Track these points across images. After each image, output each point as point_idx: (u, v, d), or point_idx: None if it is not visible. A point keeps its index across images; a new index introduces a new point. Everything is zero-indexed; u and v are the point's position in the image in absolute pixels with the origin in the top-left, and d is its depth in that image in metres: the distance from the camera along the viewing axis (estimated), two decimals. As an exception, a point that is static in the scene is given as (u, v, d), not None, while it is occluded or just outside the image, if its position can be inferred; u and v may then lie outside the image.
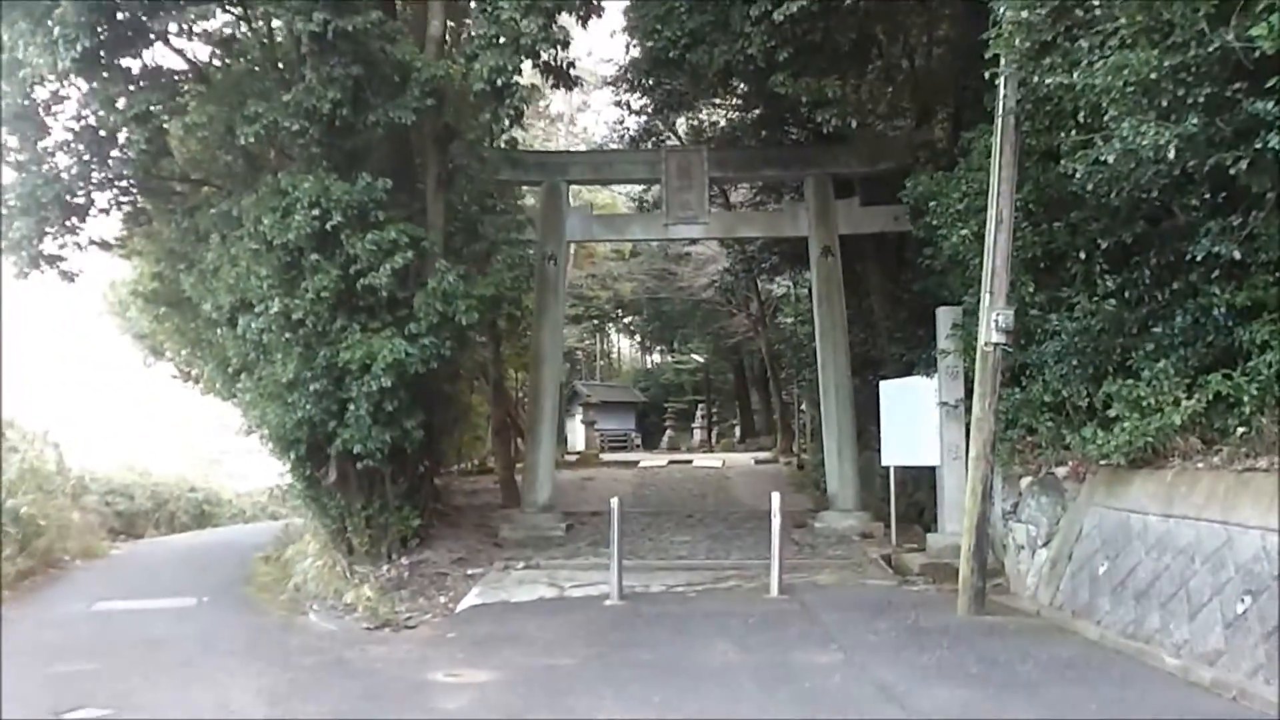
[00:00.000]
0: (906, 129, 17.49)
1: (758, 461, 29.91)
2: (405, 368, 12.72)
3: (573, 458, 33.01)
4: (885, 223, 16.91)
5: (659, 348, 60.08)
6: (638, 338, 61.41)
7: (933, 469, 14.57)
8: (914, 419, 14.41)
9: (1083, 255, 10.88)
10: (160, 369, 23.04)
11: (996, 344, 9.99)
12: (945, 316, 13.51)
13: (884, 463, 15.44)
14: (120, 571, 18.42)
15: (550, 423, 17.15)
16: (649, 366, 61.48)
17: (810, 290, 17.51)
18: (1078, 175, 9.15)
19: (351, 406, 12.99)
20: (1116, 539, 9.50)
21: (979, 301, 11.99)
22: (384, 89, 13.08)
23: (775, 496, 11.94)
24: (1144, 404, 9.32)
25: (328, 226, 12.35)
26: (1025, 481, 11.70)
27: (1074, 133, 9.49)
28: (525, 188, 18.63)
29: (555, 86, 16.40)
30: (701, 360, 49.68)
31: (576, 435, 40.31)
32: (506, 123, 14.01)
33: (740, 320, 38.06)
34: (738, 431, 43.97)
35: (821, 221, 17.02)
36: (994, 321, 9.92)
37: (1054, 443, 11.38)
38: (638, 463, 30.08)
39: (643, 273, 42.87)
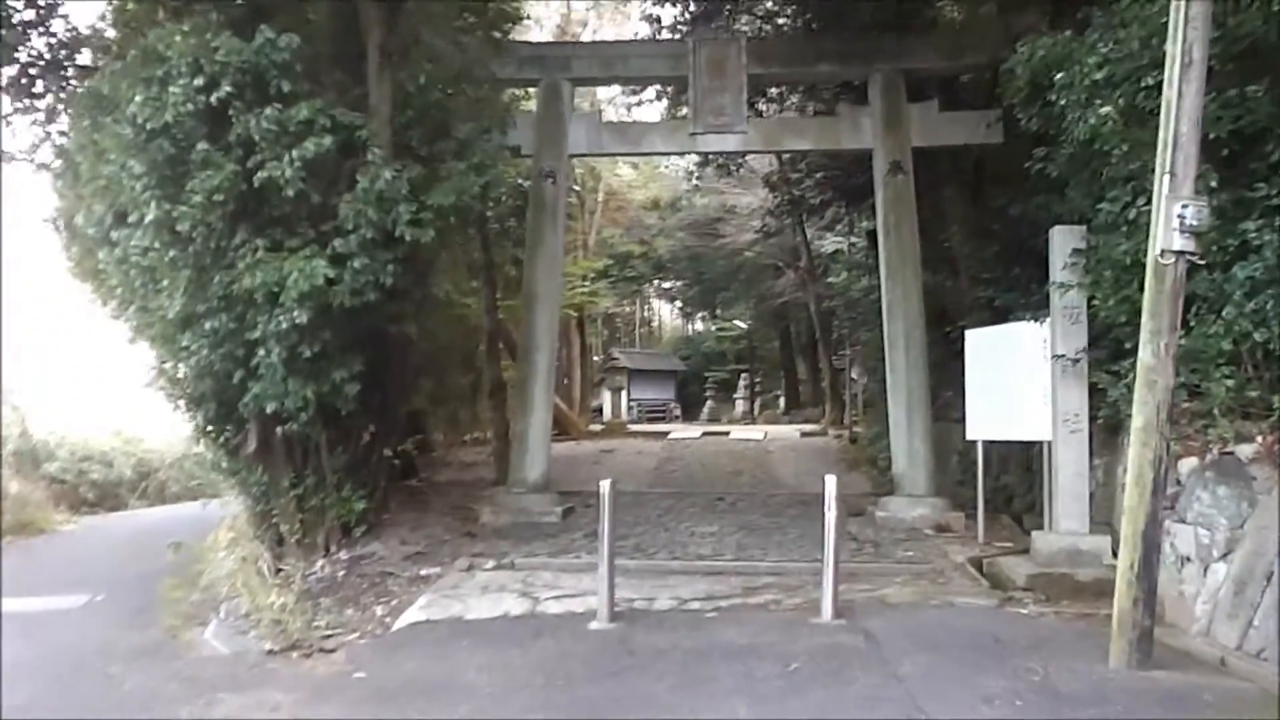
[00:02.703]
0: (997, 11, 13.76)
1: (804, 434, 26.71)
2: (327, 298, 9.41)
3: (597, 428, 29.91)
4: (972, 132, 13.34)
5: (701, 314, 57.95)
6: (678, 303, 59.06)
7: (1034, 445, 11.11)
8: (1013, 379, 10.92)
9: (1294, 133, 7.34)
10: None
11: (1181, 253, 6.42)
12: (1064, 238, 9.95)
13: (968, 436, 11.92)
14: (46, 554, 15.98)
15: (545, 381, 13.77)
16: (690, 334, 59.23)
17: (876, 219, 13.93)
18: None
19: (261, 351, 9.71)
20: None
21: (1121, 209, 8.60)
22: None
23: (830, 481, 8.45)
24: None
25: (213, 100, 9.01)
26: (1188, 465, 8.14)
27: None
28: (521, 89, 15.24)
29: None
30: (745, 327, 47.29)
31: (609, 403, 37.52)
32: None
33: (787, 281, 34.75)
34: (782, 402, 41.79)
35: (890, 130, 13.44)
36: (1178, 218, 6.34)
37: (1234, 409, 7.89)
38: (668, 434, 26.83)
39: (681, 229, 39.81)
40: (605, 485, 8.62)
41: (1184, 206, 6.33)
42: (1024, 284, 12.23)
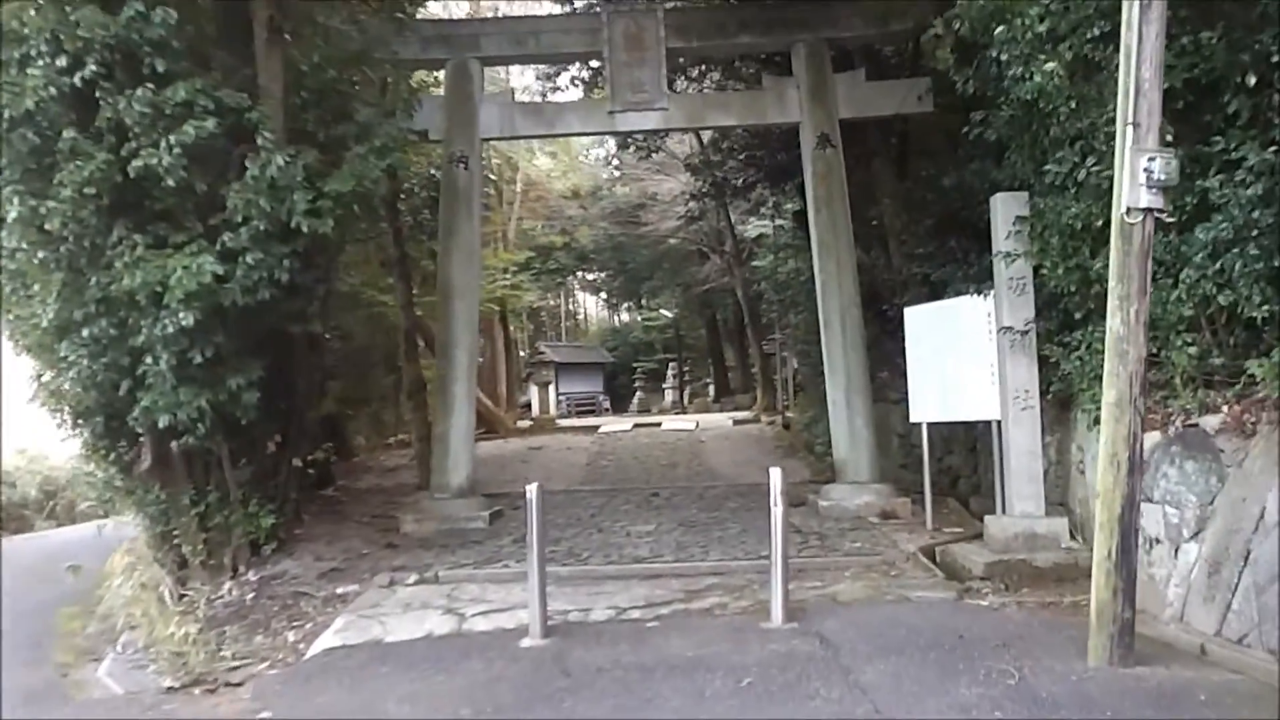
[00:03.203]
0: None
1: (736, 422, 26.26)
2: (217, 298, 8.56)
3: (525, 424, 29.10)
4: (901, 101, 12.81)
5: (627, 305, 57.38)
6: (603, 295, 58.42)
7: (979, 424, 10.69)
8: (956, 357, 10.45)
9: (1252, 81, 6.85)
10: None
11: (1148, 210, 5.88)
12: (1006, 205, 9.46)
13: (912, 419, 11.43)
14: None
15: (467, 379, 12.96)
16: (617, 325, 58.65)
17: (805, 196, 13.34)
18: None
19: (148, 359, 8.82)
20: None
21: (1069, 171, 8.16)
22: None
23: (775, 473, 7.80)
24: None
25: (77, 80, 8.09)
26: (1151, 440, 7.62)
27: None
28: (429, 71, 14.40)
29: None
30: (671, 316, 46.88)
31: (537, 399, 36.72)
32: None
33: (712, 266, 34.25)
34: (712, 390, 41.49)
35: (817, 102, 12.84)
36: (1144, 171, 5.80)
37: (1196, 379, 7.45)
38: (598, 428, 26.15)
39: (604, 219, 39.13)
40: (532, 489, 7.90)
41: (1150, 159, 5.79)
42: (961, 257, 11.77)
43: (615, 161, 29.04)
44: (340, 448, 20.45)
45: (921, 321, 11.19)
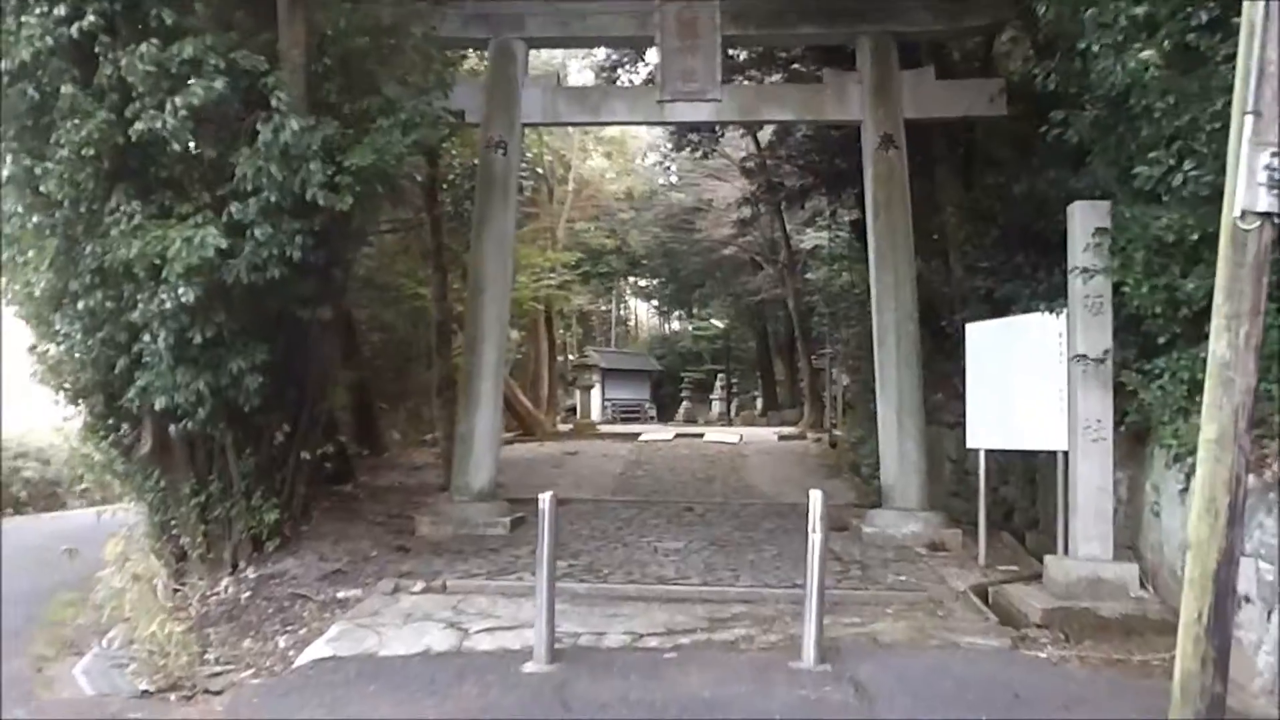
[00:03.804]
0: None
1: (781, 437, 25.36)
2: (220, 274, 7.93)
3: (565, 428, 28.49)
4: (971, 103, 11.93)
5: (677, 313, 56.83)
6: (655, 302, 57.94)
7: (1039, 454, 9.81)
8: (1021, 380, 9.57)
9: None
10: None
11: (1268, 215, 5.01)
12: (1086, 215, 8.57)
13: (969, 444, 10.53)
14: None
15: (494, 375, 12.26)
16: (666, 333, 58.13)
17: (864, 200, 12.50)
18: None
19: (145, 336, 8.21)
20: None
21: (1162, 176, 7.28)
22: None
23: (816, 497, 7.00)
24: None
25: (75, 31, 7.49)
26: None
27: None
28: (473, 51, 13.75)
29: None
30: (721, 326, 46.19)
31: (580, 403, 36.19)
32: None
33: (765, 277, 33.49)
34: (759, 403, 40.83)
35: (880, 99, 11.98)
36: (1265, 169, 4.93)
37: (1302, 416, 6.57)
38: (639, 435, 25.39)
39: (657, 225, 38.58)
40: (545, 499, 7.18)
41: (1273, 155, 4.91)
42: (1029, 272, 10.90)
43: (669, 162, 28.23)
44: (373, 443, 19.91)
45: (984, 339, 10.31)
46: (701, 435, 25.94)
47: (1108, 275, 8.30)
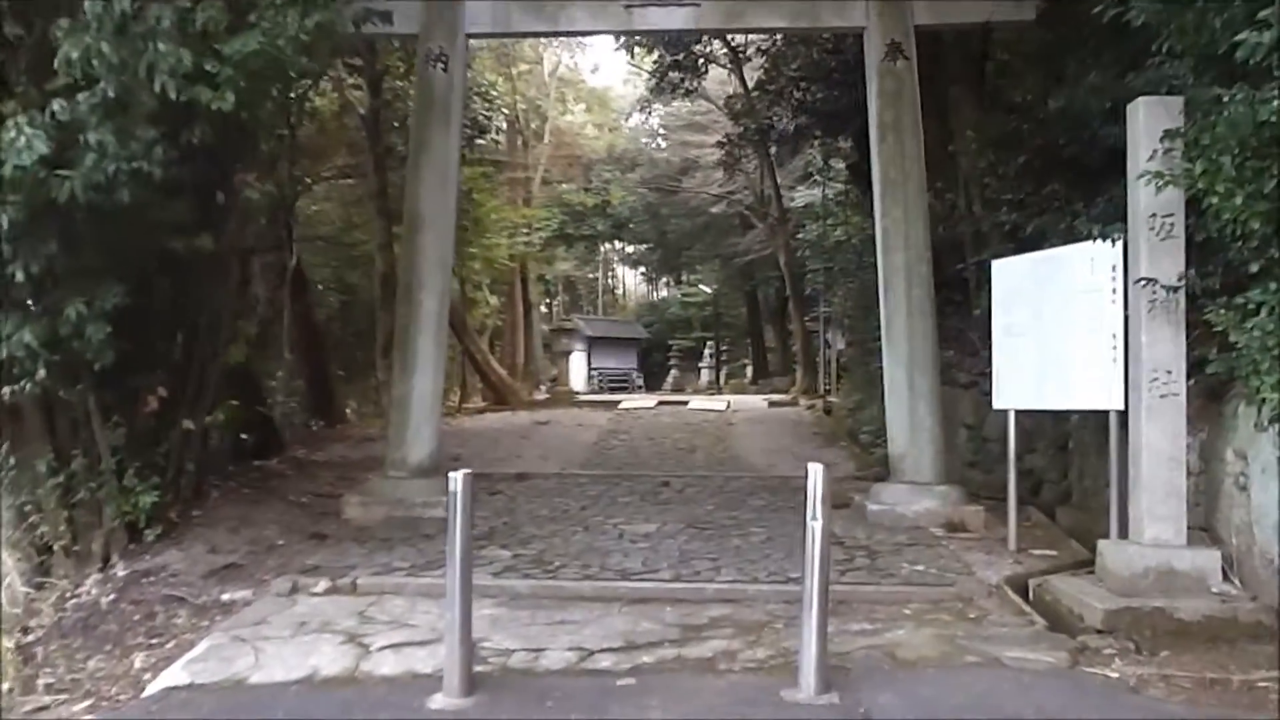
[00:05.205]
0: None
1: (772, 404, 23.83)
2: (48, 191, 6.11)
3: (542, 397, 26.86)
4: (994, 8, 10.10)
5: (665, 279, 55.46)
6: (642, 269, 56.56)
7: (1071, 416, 8.14)
8: (1062, 326, 7.83)
9: None
10: None
11: None
12: (1152, 114, 6.77)
13: (996, 405, 8.80)
14: None
15: (435, 331, 10.43)
16: (654, 301, 56.87)
17: (863, 141, 10.71)
18: None
19: (-39, 274, 6.41)
20: None
21: (1269, 50, 5.46)
22: None
23: (816, 472, 5.23)
24: None
25: None
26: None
27: None
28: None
29: None
30: (710, 291, 44.45)
31: (570, 372, 34.72)
32: None
33: (754, 236, 31.81)
34: (749, 371, 39.54)
35: (887, 2, 10.17)
36: None
37: None
38: (618, 403, 23.71)
39: (642, 185, 36.97)
40: (457, 478, 5.47)
41: None
42: (1061, 205, 9.17)
43: (654, 122, 26.43)
44: (328, 413, 18.39)
45: (1014, 279, 8.56)
46: (686, 403, 24.26)
47: (1181, 187, 6.51)
